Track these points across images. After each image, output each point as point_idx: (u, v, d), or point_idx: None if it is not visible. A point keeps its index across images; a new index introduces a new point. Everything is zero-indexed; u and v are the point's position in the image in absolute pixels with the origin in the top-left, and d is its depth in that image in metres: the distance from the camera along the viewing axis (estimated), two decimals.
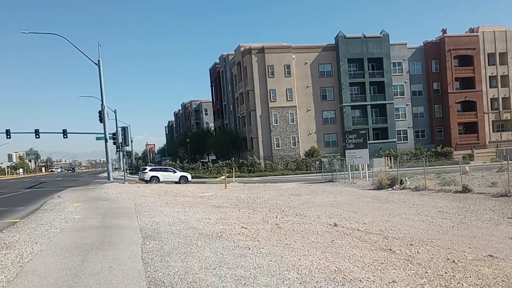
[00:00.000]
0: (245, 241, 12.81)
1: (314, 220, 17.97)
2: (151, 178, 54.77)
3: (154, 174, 55.71)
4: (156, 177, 55.17)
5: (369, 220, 18.04)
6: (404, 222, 17.59)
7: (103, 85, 50.52)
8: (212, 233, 14.22)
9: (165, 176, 55.81)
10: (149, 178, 54.91)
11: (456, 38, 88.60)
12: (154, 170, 57.79)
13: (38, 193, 41.82)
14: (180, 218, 17.91)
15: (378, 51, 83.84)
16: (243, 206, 23.67)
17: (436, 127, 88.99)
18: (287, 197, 29.57)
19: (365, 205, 23.88)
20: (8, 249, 12.35)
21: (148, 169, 58.03)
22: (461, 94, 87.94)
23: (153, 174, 55.70)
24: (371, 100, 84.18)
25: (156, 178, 54.84)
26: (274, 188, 39.23)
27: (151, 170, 57.81)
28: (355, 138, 46.33)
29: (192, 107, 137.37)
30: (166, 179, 54.97)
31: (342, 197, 29.14)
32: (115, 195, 31.82)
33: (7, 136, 60.13)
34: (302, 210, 21.57)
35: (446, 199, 25.79)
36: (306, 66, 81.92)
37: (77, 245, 12.60)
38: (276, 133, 79.85)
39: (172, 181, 54.54)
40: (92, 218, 18.80)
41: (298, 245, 12.53)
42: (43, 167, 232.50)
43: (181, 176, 56.41)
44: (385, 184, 34.91)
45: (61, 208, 23.52)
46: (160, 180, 54.74)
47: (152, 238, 13.43)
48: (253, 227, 15.77)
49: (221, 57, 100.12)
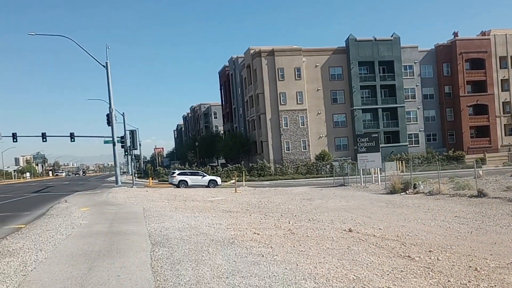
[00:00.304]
0: (258, 248, 12.38)
1: (328, 226, 17.47)
2: (180, 183, 54.29)
3: (182, 178, 55.11)
4: (185, 181, 54.70)
5: (384, 226, 17.51)
6: (421, 228, 17.05)
7: (111, 87, 50.25)
8: (223, 239, 13.80)
9: (193, 180, 55.23)
10: (177, 182, 54.42)
11: (468, 41, 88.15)
12: (183, 174, 57.08)
13: (44, 197, 41.54)
14: (190, 224, 17.48)
15: (389, 54, 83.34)
16: (254, 211, 23.20)
17: (447, 131, 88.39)
18: (299, 202, 29.07)
19: (379, 210, 23.33)
20: (11, 256, 11.92)
21: (177, 173, 57.31)
22: (472, 97, 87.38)
23: (182, 178, 55.10)
24: (382, 103, 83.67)
25: (184, 182, 54.40)
26: (285, 192, 38.71)
27: (180, 174, 57.09)
28: (367, 141, 45.80)
29: (201, 110, 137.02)
30: (194, 183, 54.55)
31: (355, 201, 28.61)
32: (123, 200, 31.47)
33: (13, 139, 59.90)
34: (315, 215, 21.07)
35: (461, 203, 25.22)
36: (316, 69, 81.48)
37: (84, 252, 12.16)
38: (286, 137, 79.42)
39: (201, 185, 54.01)
40: (99, 223, 18.38)
41: (313, 251, 12.08)
42: (50, 171, 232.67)
43: (210, 180, 55.65)
44: (398, 188, 34.34)
45: (68, 213, 23.13)
46: (188, 184, 54.34)
47: (162, 244, 12.99)
48: (266, 232, 15.33)
49: (231, 60, 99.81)
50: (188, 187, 53.19)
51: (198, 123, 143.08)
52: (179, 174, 56.72)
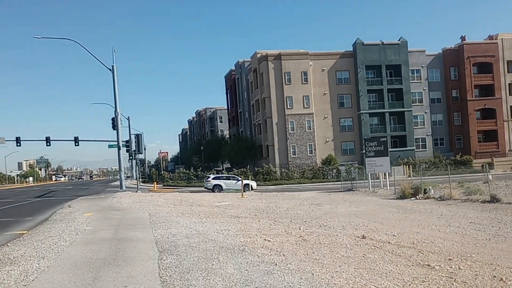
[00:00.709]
0: (270, 256, 11.84)
1: (340, 232, 16.92)
2: (214, 187, 54.37)
3: (217, 183, 55.29)
4: (219, 185, 54.77)
5: (398, 232, 16.97)
6: (436, 234, 16.52)
7: (116, 91, 49.74)
8: (233, 246, 13.27)
9: (228, 184, 55.27)
10: (212, 186, 54.48)
11: (475, 45, 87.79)
12: (217, 179, 57.16)
13: (47, 202, 41.06)
14: (198, 230, 16.94)
15: (396, 58, 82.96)
16: (262, 216, 22.66)
17: (455, 135, 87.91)
18: (308, 207, 28.55)
19: (391, 216, 22.81)
20: (12, 265, 11.36)
21: (212, 178, 57.33)
22: (480, 101, 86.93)
23: (216, 183, 55.28)
24: (389, 107, 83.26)
25: (219, 187, 54.44)
26: (292, 197, 38.21)
27: (214, 178, 57.14)
28: (376, 145, 45.24)
29: (206, 114, 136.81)
30: (229, 188, 54.39)
31: (365, 206, 28.10)
32: (128, 205, 30.93)
33: (17, 143, 59.53)
34: (326, 221, 20.53)
35: (474, 209, 24.70)
36: (323, 73, 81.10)
37: (88, 260, 11.60)
38: (293, 141, 79.02)
39: (236, 189, 53.39)
40: (104, 229, 17.82)
41: (327, 260, 11.54)
42: (53, 176, 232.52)
43: (245, 184, 54.34)
44: (408, 193, 33.81)
45: (71, 218, 22.58)
46: (223, 188, 54.29)
47: (170, 252, 12.45)
48: (277, 239, 14.80)
49: (237, 64, 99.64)
50: (223, 191, 53.16)
51: (203, 127, 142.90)
52: (214, 179, 56.83)
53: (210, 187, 54.43)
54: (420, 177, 38.96)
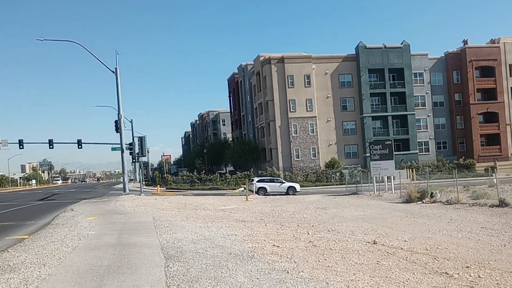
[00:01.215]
0: (281, 263, 11.40)
1: (350, 237, 16.47)
2: (258, 189, 54.06)
3: (261, 185, 54.96)
4: (264, 188, 54.53)
5: (409, 237, 16.49)
6: (448, 240, 16.04)
7: (120, 93, 49.36)
8: (242, 252, 12.83)
9: (272, 186, 54.97)
10: (256, 189, 54.09)
11: (478, 49, 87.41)
12: (262, 181, 56.58)
13: (50, 205, 40.62)
14: (204, 235, 16.49)
15: (399, 62, 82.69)
16: (269, 221, 22.22)
17: (458, 139, 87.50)
18: (313, 211, 28.13)
19: (399, 220, 22.36)
20: (11, 272, 10.88)
21: (256, 180, 56.73)
22: (483, 105, 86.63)
23: (261, 185, 54.93)
24: (392, 111, 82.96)
25: (263, 189, 54.20)
26: (297, 201, 37.80)
27: (259, 181, 56.60)
28: (380, 149, 44.88)
29: (209, 117, 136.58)
30: (273, 190, 54.24)
31: (372, 211, 27.66)
32: (131, 208, 30.54)
33: (20, 146, 59.25)
34: (333, 225, 20.09)
35: (484, 213, 24.23)
36: (326, 76, 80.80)
37: (91, 268, 11.12)
38: (296, 144, 78.68)
39: (280, 192, 53.52)
40: (108, 234, 17.36)
41: (340, 267, 11.10)
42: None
43: (289, 186, 55.03)
44: (414, 197, 33.36)
45: (74, 222, 22.14)
46: (267, 191, 54.16)
47: (176, 258, 11.99)
48: (286, 245, 14.36)
49: (240, 67, 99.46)
50: (267, 194, 53.05)
51: (206, 130, 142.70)
52: (258, 181, 56.33)
53: (255, 190, 54.08)
54: (427, 181, 38.61)
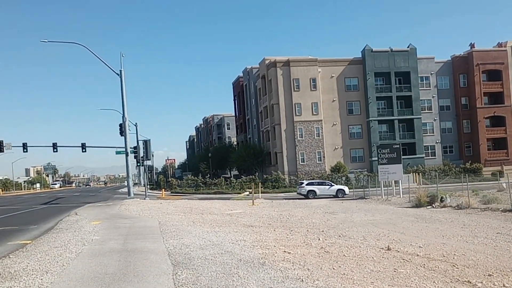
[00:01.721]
0: (294, 270, 10.88)
1: (362, 243, 15.94)
2: (308, 192, 54.19)
3: (311, 188, 54.97)
4: (313, 191, 54.55)
5: (423, 243, 15.95)
6: (465, 246, 15.50)
7: (124, 96, 48.85)
8: (252, 259, 12.31)
9: (321, 189, 54.97)
10: (306, 192, 54.33)
11: (484, 52, 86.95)
12: (311, 184, 56.50)
13: (53, 209, 40.12)
14: (211, 240, 15.97)
15: (405, 65, 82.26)
16: (277, 226, 21.71)
17: (464, 143, 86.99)
18: (322, 215, 27.60)
19: (411, 225, 21.82)
20: (12, 280, 10.34)
21: (305, 183, 56.77)
22: (489, 109, 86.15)
23: (310, 188, 54.94)
24: (398, 114, 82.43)
25: (313, 192, 54.29)
26: (304, 205, 37.30)
27: (308, 184, 56.57)
28: (388, 153, 44.39)
29: (214, 121, 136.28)
30: (322, 193, 54.12)
31: (381, 215, 27.12)
32: (136, 212, 30.04)
33: (24, 150, 58.84)
34: (344, 231, 19.57)
35: (497, 218, 23.72)
36: (332, 80, 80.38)
37: (96, 275, 10.58)
38: (301, 148, 78.21)
39: (329, 194, 53.42)
40: (113, 239, 16.83)
41: (356, 275, 10.58)
42: (61, 182, 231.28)
43: (338, 189, 55.11)
44: (424, 201, 32.91)
45: (78, 227, 21.63)
46: (317, 194, 54.08)
47: (184, 265, 11.47)
48: (297, 251, 13.86)
49: (245, 70, 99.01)
50: (316, 197, 52.90)
51: (210, 134, 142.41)
52: (308, 184, 56.34)
53: (305, 193, 54.31)
54: (436, 185, 38.11)
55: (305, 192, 54.16)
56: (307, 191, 54.19)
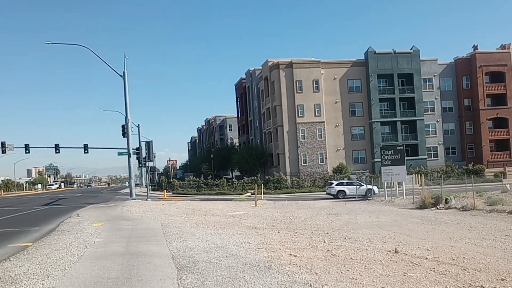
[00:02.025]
0: (301, 274, 10.60)
1: (368, 245, 15.66)
2: (338, 193, 54.17)
3: (340, 188, 54.96)
4: (343, 191, 54.47)
5: (431, 246, 15.66)
6: (473, 249, 15.20)
7: (127, 97, 48.66)
8: (258, 262, 12.04)
9: (351, 189, 54.56)
10: (336, 192, 54.32)
11: (487, 54, 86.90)
12: (340, 185, 56.42)
13: (55, 210, 39.92)
14: (215, 243, 15.69)
15: (408, 67, 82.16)
16: (281, 227, 21.43)
17: (467, 144, 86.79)
18: (325, 217, 27.35)
19: (416, 227, 21.55)
20: (12, 285, 10.05)
21: (335, 184, 56.70)
22: (492, 110, 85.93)
23: (340, 188, 54.92)
24: (401, 116, 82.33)
25: (342, 192, 54.22)
26: (307, 206, 37.08)
27: (337, 184, 56.49)
28: (392, 154, 44.23)
29: (216, 122, 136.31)
30: (352, 193, 53.65)
31: (386, 217, 26.86)
32: (138, 214, 29.79)
33: (26, 150, 58.86)
34: (349, 233, 19.30)
35: (504, 220, 23.44)
36: (335, 82, 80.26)
37: (98, 280, 10.29)
38: (304, 149, 78.05)
39: (359, 194, 52.73)
40: (115, 242, 16.54)
41: (366, 279, 10.30)
42: (62, 183, 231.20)
43: (368, 189, 54.14)
44: (428, 203, 32.61)
45: (80, 229, 21.35)
46: (346, 194, 53.96)
47: (189, 269, 11.18)
48: (303, 254, 13.57)
49: (248, 72, 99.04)
50: (346, 197, 52.85)
51: (212, 135, 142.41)
52: (337, 185, 56.25)
53: (334, 193, 54.23)
54: (441, 186, 37.82)
55: (335, 192, 54.11)
56: (337, 191, 54.17)
